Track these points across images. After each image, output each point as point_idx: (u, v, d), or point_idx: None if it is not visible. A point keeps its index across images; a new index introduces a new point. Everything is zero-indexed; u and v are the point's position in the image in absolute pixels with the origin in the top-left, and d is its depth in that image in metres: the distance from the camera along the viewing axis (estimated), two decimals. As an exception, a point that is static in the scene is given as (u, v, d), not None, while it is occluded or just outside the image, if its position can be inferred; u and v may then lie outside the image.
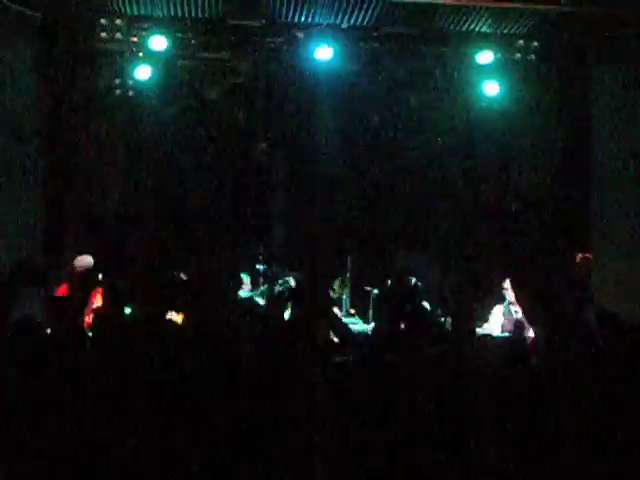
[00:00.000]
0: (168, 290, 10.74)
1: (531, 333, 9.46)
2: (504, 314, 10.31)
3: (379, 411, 4.17)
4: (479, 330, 9.75)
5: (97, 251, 10.22)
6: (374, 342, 5.84)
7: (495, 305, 10.57)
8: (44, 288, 10.53)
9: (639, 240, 11.28)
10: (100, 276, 9.90)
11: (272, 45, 11.73)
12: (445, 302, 11.32)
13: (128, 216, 12.26)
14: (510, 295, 10.21)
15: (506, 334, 9.83)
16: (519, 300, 10.26)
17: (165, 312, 10.24)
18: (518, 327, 9.42)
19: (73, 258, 10.19)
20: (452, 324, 9.54)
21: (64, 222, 11.55)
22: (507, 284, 10.28)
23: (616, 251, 11.24)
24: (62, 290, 10.14)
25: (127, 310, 10.09)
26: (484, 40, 11.80)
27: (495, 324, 10.31)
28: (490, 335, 8.49)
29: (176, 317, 10.12)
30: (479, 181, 13.00)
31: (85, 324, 9.63)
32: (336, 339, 6.55)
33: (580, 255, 10.26)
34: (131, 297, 9.44)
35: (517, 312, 10.20)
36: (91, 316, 9.63)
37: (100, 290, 10.26)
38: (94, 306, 9.74)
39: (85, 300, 8.93)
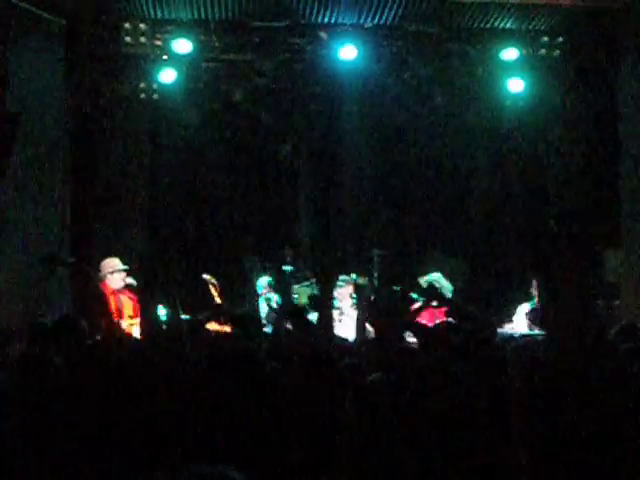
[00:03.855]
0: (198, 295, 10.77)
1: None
2: (530, 313, 10.22)
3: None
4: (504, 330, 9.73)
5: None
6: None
7: (521, 304, 10.50)
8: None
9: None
10: (129, 280, 9.92)
11: (296, 46, 11.71)
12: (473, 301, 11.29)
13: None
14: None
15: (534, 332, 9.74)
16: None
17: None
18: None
19: (100, 261, 10.25)
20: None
21: (89, 225, 11.60)
22: (535, 283, 10.19)
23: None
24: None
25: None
26: (509, 37, 11.74)
27: (520, 323, 10.23)
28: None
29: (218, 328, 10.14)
30: (506, 178, 12.95)
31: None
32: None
33: None
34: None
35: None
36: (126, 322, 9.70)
37: (127, 293, 10.31)
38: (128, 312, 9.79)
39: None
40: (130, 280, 10.18)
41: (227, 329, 9.76)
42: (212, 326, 10.06)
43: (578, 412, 4.23)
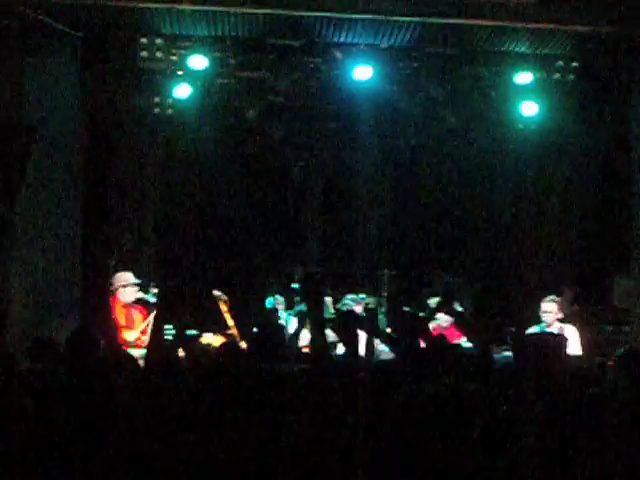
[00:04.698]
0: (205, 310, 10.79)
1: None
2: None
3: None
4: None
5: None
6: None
7: (531, 326, 10.48)
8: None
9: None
10: (140, 294, 9.95)
11: (311, 65, 11.72)
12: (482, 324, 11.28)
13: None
14: (548, 318, 10.10)
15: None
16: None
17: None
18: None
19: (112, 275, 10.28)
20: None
21: (103, 238, 11.64)
22: (546, 306, 10.17)
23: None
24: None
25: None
26: (523, 60, 11.73)
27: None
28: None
29: (212, 340, 10.15)
30: (517, 201, 12.96)
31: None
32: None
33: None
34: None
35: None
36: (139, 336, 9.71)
37: (138, 307, 10.32)
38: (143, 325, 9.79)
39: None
40: (141, 294, 10.21)
41: (220, 341, 9.81)
42: (205, 339, 10.11)
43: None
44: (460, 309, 10.75)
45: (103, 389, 4.67)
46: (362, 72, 11.55)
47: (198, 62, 11.44)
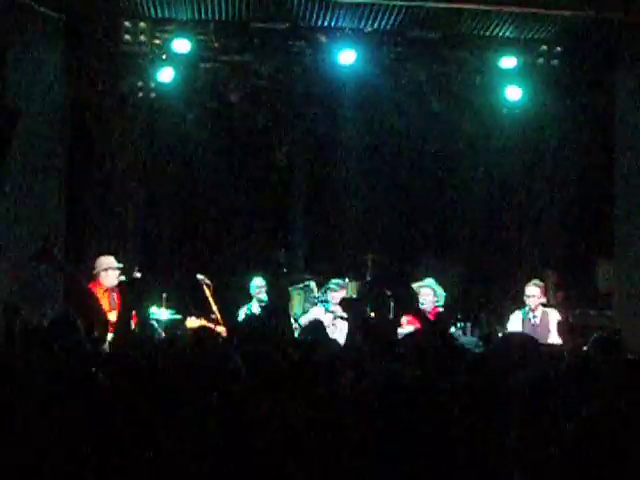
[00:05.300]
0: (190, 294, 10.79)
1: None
2: (523, 321, 10.22)
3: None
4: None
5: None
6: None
7: (514, 311, 10.52)
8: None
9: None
10: (122, 277, 9.90)
11: (295, 49, 11.70)
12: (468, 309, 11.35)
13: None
14: (531, 302, 10.14)
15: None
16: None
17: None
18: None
19: (95, 259, 10.24)
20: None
21: (85, 222, 11.60)
22: (530, 290, 10.20)
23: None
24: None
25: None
26: (507, 45, 11.75)
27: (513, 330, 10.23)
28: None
29: (196, 324, 10.15)
30: (501, 186, 12.97)
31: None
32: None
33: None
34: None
35: (536, 318, 10.13)
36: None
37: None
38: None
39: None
40: (123, 278, 10.17)
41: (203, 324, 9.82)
42: (190, 323, 10.12)
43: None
44: (443, 294, 10.76)
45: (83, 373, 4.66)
46: (346, 56, 11.55)
47: (181, 46, 11.41)
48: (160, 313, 10.27)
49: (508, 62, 11.83)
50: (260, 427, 4.03)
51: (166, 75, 11.65)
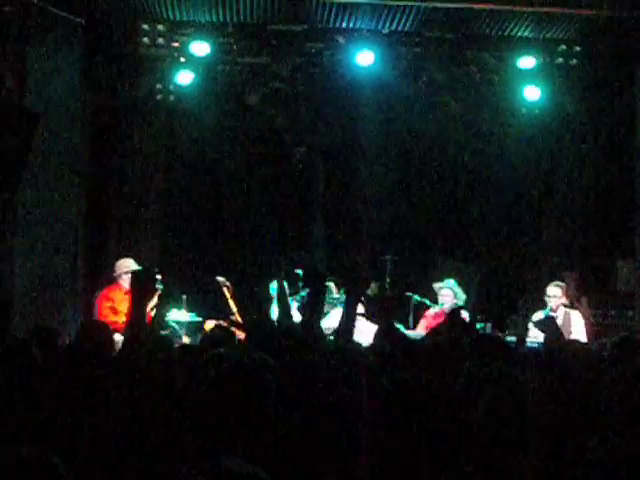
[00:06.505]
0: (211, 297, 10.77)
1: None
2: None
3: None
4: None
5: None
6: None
7: (535, 312, 10.49)
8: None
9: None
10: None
11: (313, 50, 11.70)
12: (485, 309, 11.29)
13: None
14: (553, 302, 10.11)
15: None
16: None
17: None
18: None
19: (115, 261, 10.29)
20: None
21: (106, 226, 11.66)
22: (551, 291, 10.18)
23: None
24: (105, 293, 10.22)
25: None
26: (526, 45, 11.71)
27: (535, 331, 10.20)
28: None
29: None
30: (521, 187, 12.94)
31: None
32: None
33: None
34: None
35: (557, 319, 10.09)
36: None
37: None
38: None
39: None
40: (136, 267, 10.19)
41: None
42: (209, 326, 10.12)
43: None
44: (463, 295, 10.74)
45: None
46: (364, 57, 11.53)
47: (200, 48, 11.42)
48: (180, 315, 10.29)
49: (527, 62, 11.78)
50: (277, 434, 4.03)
51: (185, 78, 11.68)
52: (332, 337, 9.16)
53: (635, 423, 4.17)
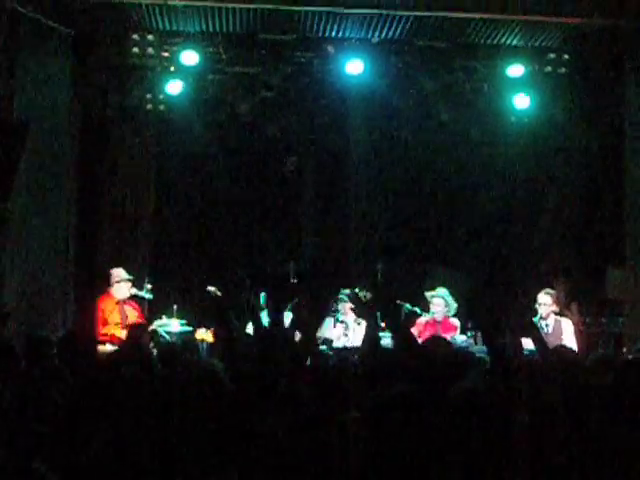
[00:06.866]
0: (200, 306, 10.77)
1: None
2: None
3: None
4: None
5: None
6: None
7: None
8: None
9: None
10: (133, 290, 9.95)
11: (303, 60, 11.73)
12: (476, 316, 11.29)
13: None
14: (544, 310, 10.11)
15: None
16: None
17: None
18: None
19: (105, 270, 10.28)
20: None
21: (97, 235, 11.64)
22: (542, 298, 10.17)
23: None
24: (99, 302, 10.22)
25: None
26: (515, 53, 11.75)
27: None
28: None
29: (206, 335, 10.15)
30: (510, 194, 12.96)
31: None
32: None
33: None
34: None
35: (548, 327, 10.10)
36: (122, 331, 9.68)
37: (131, 303, 10.31)
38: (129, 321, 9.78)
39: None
40: (134, 290, 10.20)
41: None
42: (199, 335, 10.13)
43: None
44: (455, 304, 10.75)
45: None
46: (354, 66, 11.55)
47: (190, 58, 11.42)
48: (171, 324, 10.28)
49: (516, 70, 11.82)
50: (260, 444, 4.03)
51: (174, 87, 11.67)
52: (324, 347, 9.20)
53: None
